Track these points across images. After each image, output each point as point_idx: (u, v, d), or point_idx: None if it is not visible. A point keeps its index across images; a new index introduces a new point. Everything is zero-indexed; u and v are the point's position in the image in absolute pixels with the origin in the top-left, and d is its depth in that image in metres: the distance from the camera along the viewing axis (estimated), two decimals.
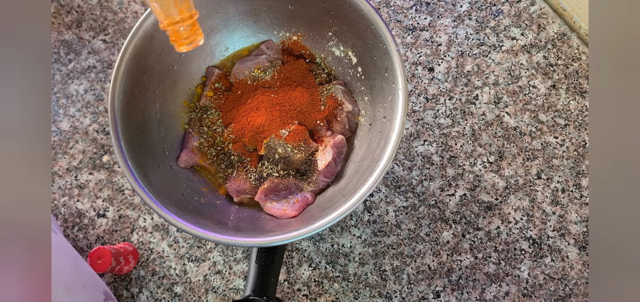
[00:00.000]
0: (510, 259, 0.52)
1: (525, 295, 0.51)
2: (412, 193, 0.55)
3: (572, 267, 0.52)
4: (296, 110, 0.48)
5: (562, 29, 0.60)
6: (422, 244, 0.53)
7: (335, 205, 0.41)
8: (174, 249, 0.54)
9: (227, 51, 0.53)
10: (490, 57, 0.60)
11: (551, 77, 0.58)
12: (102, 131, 0.59)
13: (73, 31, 0.64)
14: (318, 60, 0.52)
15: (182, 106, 0.51)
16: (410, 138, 0.57)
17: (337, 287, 0.52)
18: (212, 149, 0.49)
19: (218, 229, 0.40)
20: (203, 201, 0.46)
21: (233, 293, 0.53)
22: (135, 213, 0.56)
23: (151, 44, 0.46)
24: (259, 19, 0.51)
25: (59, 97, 0.61)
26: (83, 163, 0.58)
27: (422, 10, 0.62)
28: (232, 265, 0.53)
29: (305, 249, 0.54)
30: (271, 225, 0.44)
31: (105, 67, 0.62)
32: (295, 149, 0.47)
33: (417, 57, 0.60)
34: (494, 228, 0.53)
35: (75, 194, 0.57)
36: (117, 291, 0.53)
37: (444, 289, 0.52)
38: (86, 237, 0.55)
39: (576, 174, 0.55)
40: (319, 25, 0.50)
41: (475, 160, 0.56)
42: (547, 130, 0.56)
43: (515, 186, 0.54)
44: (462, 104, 0.58)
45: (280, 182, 0.47)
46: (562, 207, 0.53)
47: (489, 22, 0.61)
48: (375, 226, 0.54)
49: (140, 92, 0.45)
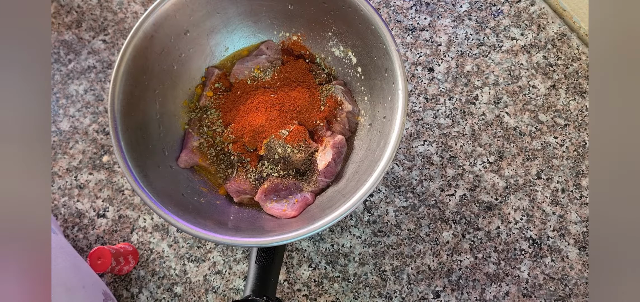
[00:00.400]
0: (510, 259, 0.52)
1: (525, 295, 0.51)
2: (412, 193, 0.55)
3: (572, 268, 0.52)
4: (296, 111, 0.48)
5: (562, 29, 0.60)
6: (422, 244, 0.53)
7: (335, 205, 0.41)
8: (173, 249, 0.54)
9: (227, 51, 0.53)
10: (490, 57, 0.60)
11: (551, 77, 0.58)
12: (102, 131, 0.59)
13: (73, 31, 0.64)
14: (318, 61, 0.52)
15: (182, 106, 0.51)
16: (410, 138, 0.57)
17: (337, 287, 0.52)
18: (212, 149, 0.49)
19: (218, 229, 0.40)
20: (203, 201, 0.46)
21: (233, 293, 0.53)
22: (135, 213, 0.56)
23: (151, 44, 0.46)
24: (259, 19, 0.51)
25: (59, 97, 0.61)
26: (83, 163, 0.58)
27: (422, 11, 0.62)
28: (232, 265, 0.53)
29: (305, 249, 0.54)
30: (271, 225, 0.44)
31: (105, 67, 0.62)
32: (295, 149, 0.47)
33: (417, 57, 0.60)
34: (494, 228, 0.53)
35: (75, 194, 0.57)
36: (117, 291, 0.53)
37: (443, 289, 0.52)
38: (86, 237, 0.55)
39: (576, 174, 0.55)
40: (318, 26, 0.50)
41: (475, 160, 0.56)
42: (547, 131, 0.56)
43: (515, 186, 0.54)
44: (462, 104, 0.58)
45: (280, 182, 0.47)
46: (562, 208, 0.54)
47: (489, 22, 0.61)
48: (375, 226, 0.54)
49: (140, 92, 0.45)
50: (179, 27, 0.48)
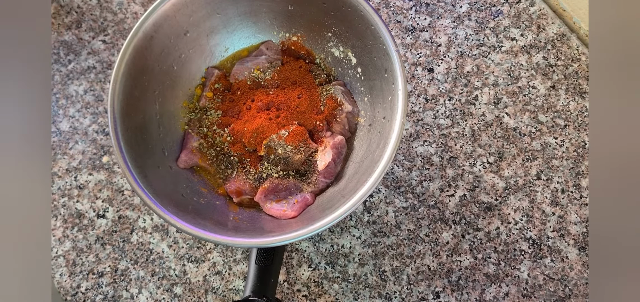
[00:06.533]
0: (510, 259, 0.52)
1: (525, 296, 0.51)
2: (412, 194, 0.55)
3: (572, 268, 0.52)
4: (296, 111, 0.48)
5: (561, 29, 0.60)
6: (422, 245, 0.53)
7: (335, 206, 0.41)
8: (173, 249, 0.54)
9: (226, 52, 0.53)
10: (489, 57, 0.60)
11: (551, 77, 0.58)
12: (101, 132, 0.59)
13: (73, 32, 0.64)
14: (318, 61, 0.52)
15: (182, 107, 0.51)
16: (410, 139, 0.57)
17: (336, 287, 0.52)
18: (211, 150, 0.49)
19: (218, 230, 0.40)
20: (203, 202, 0.46)
21: (233, 294, 0.53)
22: (135, 214, 0.56)
23: (151, 45, 0.46)
24: (259, 19, 0.51)
25: (59, 97, 0.61)
26: (83, 164, 0.58)
27: (422, 11, 0.62)
28: (231, 266, 0.53)
29: (305, 249, 0.54)
30: (271, 225, 0.44)
31: (105, 67, 0.62)
32: (295, 149, 0.47)
33: (416, 58, 0.60)
34: (494, 229, 0.53)
35: (75, 194, 0.57)
36: (117, 291, 0.53)
37: (443, 290, 0.52)
38: (86, 237, 0.55)
39: (576, 174, 0.55)
40: (318, 26, 0.50)
41: (475, 161, 0.56)
42: (547, 131, 0.56)
43: (514, 186, 0.54)
44: (462, 105, 0.58)
45: (279, 182, 0.47)
46: (561, 208, 0.54)
47: (489, 23, 0.61)
48: (375, 227, 0.54)
49: (140, 92, 0.45)
50: (179, 27, 0.48)
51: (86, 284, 0.54)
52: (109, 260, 0.54)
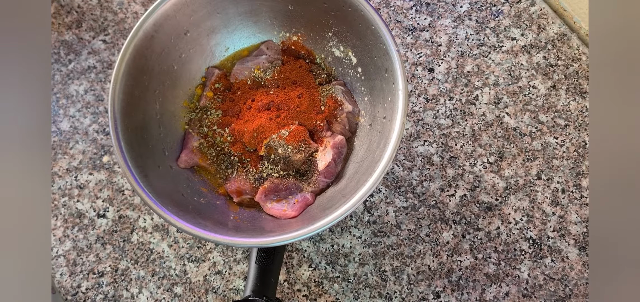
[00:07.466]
0: (510, 259, 0.52)
1: (525, 295, 0.51)
2: (412, 194, 0.55)
3: (572, 268, 0.52)
4: (296, 111, 0.48)
5: (562, 29, 0.60)
6: (422, 245, 0.53)
7: (335, 205, 0.41)
8: (174, 249, 0.54)
9: (227, 51, 0.53)
10: (490, 57, 0.60)
11: (551, 77, 0.58)
12: (102, 131, 0.59)
13: (73, 31, 0.64)
14: (318, 61, 0.52)
15: (182, 106, 0.51)
16: (410, 138, 0.57)
17: (337, 287, 0.52)
18: (212, 150, 0.49)
19: (218, 229, 0.40)
20: (203, 201, 0.46)
21: (233, 293, 0.53)
22: (135, 213, 0.56)
23: (151, 45, 0.46)
24: (259, 19, 0.51)
25: (59, 97, 0.61)
26: (83, 163, 0.58)
27: (422, 11, 0.62)
28: (232, 265, 0.53)
29: (305, 249, 0.54)
30: (271, 225, 0.44)
31: (105, 67, 0.62)
32: (295, 149, 0.47)
33: (417, 58, 0.60)
34: (494, 229, 0.53)
35: (75, 194, 0.57)
36: (117, 291, 0.53)
37: (444, 290, 0.52)
38: (86, 237, 0.55)
39: (576, 174, 0.55)
40: (319, 26, 0.50)
41: (475, 160, 0.56)
42: (547, 131, 0.56)
43: (515, 186, 0.54)
44: (462, 105, 0.58)
45: (280, 182, 0.47)
46: (562, 208, 0.53)
47: (489, 23, 0.61)
48: (375, 227, 0.54)
49: (140, 92, 0.45)
50: (179, 27, 0.48)
51: (86, 283, 0.54)
52: (110, 260, 0.54)
